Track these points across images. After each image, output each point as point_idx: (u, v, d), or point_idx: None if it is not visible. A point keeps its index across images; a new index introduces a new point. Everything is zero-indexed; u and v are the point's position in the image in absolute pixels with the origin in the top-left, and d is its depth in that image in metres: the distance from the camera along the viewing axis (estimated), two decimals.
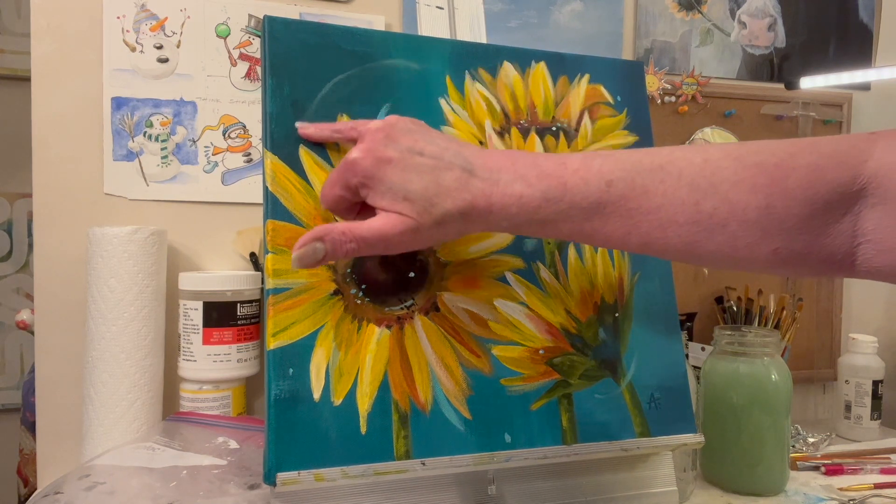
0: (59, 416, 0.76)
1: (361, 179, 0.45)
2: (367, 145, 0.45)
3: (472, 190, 0.43)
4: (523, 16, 0.92)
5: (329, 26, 0.56)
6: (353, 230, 0.44)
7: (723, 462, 0.75)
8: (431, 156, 0.44)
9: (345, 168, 0.45)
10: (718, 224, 0.41)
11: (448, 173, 0.44)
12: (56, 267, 0.76)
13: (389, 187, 0.44)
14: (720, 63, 1.02)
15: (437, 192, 0.43)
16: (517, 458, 0.52)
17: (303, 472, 0.46)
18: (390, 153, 0.44)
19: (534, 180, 0.43)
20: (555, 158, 0.44)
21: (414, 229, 0.44)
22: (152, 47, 0.78)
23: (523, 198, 0.43)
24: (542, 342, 0.56)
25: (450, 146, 0.45)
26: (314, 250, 0.44)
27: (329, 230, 0.44)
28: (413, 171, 0.44)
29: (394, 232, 0.44)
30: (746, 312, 0.98)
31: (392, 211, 0.44)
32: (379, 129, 0.45)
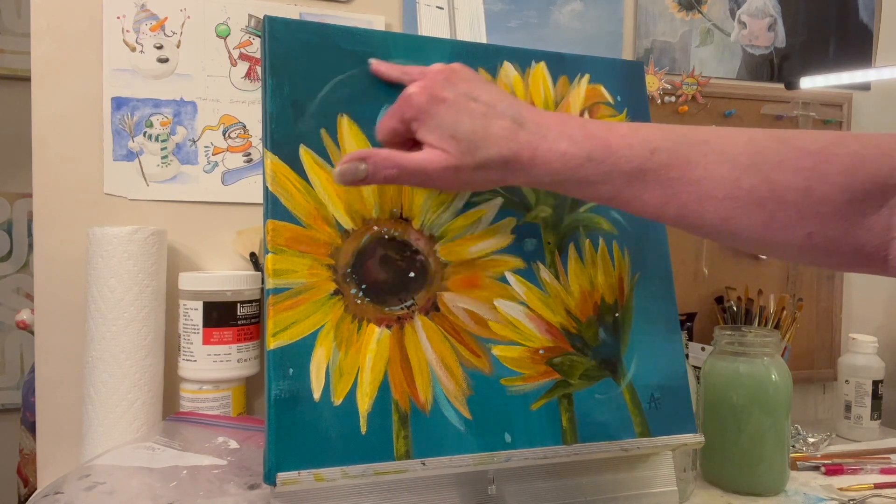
0: (59, 416, 0.76)
1: (415, 113, 0.47)
2: (426, 83, 0.47)
3: (518, 140, 0.45)
4: (523, 16, 0.92)
5: (329, 26, 0.56)
6: (396, 157, 0.46)
7: (723, 462, 0.75)
8: (485, 103, 0.46)
9: (401, 101, 0.48)
10: (756, 202, 0.42)
11: (498, 121, 0.45)
12: (56, 267, 0.76)
13: (439, 124, 0.46)
14: (720, 63, 1.02)
15: (484, 137, 0.45)
16: (517, 458, 0.52)
17: (303, 472, 0.46)
18: (446, 93, 0.46)
19: (580, 139, 0.44)
20: (602, 124, 0.46)
21: (455, 167, 0.46)
22: (152, 47, 0.78)
23: (567, 155, 0.44)
24: (542, 342, 0.56)
25: (504, 98, 0.47)
26: (356, 169, 0.47)
27: (372, 153, 0.47)
28: (465, 114, 0.46)
29: (434, 167, 0.46)
30: (746, 312, 0.98)
31: (437, 147, 0.46)
32: (440, 70, 0.48)
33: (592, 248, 0.60)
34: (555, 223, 0.59)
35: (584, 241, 0.59)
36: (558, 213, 0.59)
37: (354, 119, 0.55)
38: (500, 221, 0.57)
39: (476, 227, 0.56)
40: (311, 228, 0.52)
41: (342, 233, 0.52)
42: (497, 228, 0.57)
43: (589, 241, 0.60)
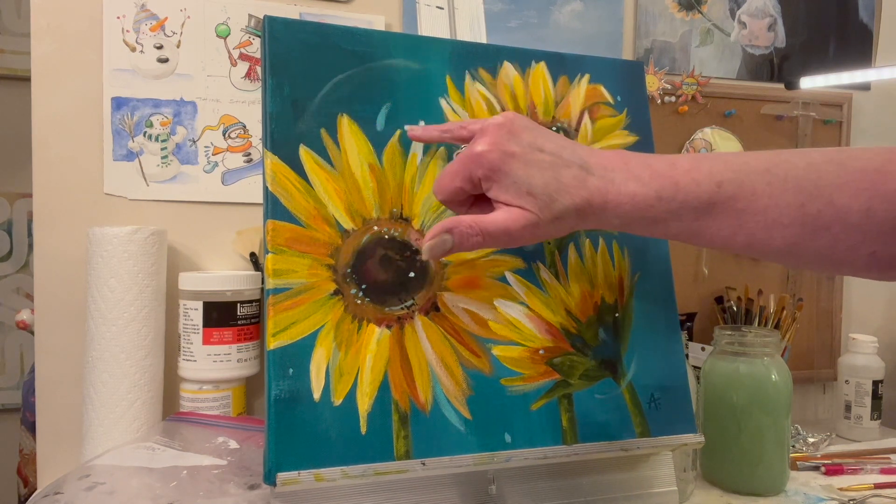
0: (59, 416, 0.76)
1: (487, 172, 0.46)
2: (493, 139, 0.46)
3: (588, 187, 0.45)
4: (523, 16, 0.92)
5: (329, 26, 0.56)
6: (480, 223, 0.46)
7: (723, 462, 0.75)
8: (551, 152, 0.46)
9: (470, 160, 0.46)
10: (822, 226, 0.43)
11: (567, 170, 0.45)
12: (56, 267, 0.76)
13: (514, 181, 0.45)
14: (720, 63, 1.02)
15: (557, 189, 0.45)
16: (517, 458, 0.52)
17: (303, 472, 0.46)
18: (514, 148, 0.46)
19: (647, 179, 0.45)
20: (664, 160, 0.46)
21: (535, 224, 0.45)
22: (152, 47, 0.78)
23: (637, 196, 0.45)
24: (542, 342, 0.56)
25: (566, 144, 0.47)
26: (443, 242, 0.46)
27: (457, 223, 0.46)
28: (535, 167, 0.45)
29: (517, 226, 0.45)
30: (746, 312, 0.98)
31: (514, 205, 0.45)
32: (501, 124, 0.46)
33: (592, 248, 0.60)
34: None
35: (584, 241, 0.59)
36: None
37: (354, 119, 0.55)
38: None
39: None
40: (311, 228, 0.52)
41: (342, 233, 0.52)
42: None
43: (589, 242, 0.60)
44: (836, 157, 0.43)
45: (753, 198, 0.43)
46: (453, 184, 0.48)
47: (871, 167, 0.42)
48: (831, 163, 0.43)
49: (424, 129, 0.53)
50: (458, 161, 0.47)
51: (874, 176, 0.42)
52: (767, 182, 0.43)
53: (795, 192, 0.43)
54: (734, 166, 0.44)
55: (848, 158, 0.43)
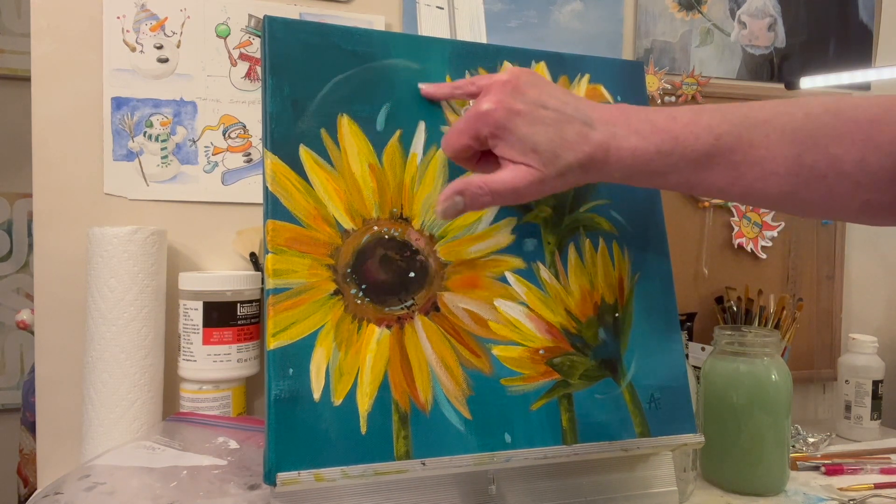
0: (59, 416, 0.76)
1: (493, 129, 0.47)
2: (498, 97, 0.47)
3: (591, 142, 0.46)
4: (523, 16, 0.92)
5: (329, 26, 0.56)
6: (488, 183, 0.47)
7: (723, 462, 0.75)
8: (555, 109, 0.47)
9: (476, 118, 0.48)
10: (817, 176, 0.44)
11: (570, 126, 0.46)
12: (56, 267, 0.76)
13: (519, 138, 0.46)
14: (720, 63, 1.02)
15: (560, 145, 0.46)
16: (517, 458, 0.52)
17: (303, 472, 0.46)
18: (519, 105, 0.46)
19: (648, 134, 0.46)
20: (664, 113, 0.47)
21: (541, 180, 0.47)
22: (152, 47, 0.78)
23: (637, 150, 0.46)
24: (542, 342, 0.56)
25: (569, 100, 0.48)
26: (455, 203, 0.48)
27: (467, 184, 0.47)
28: (539, 124, 0.46)
29: (523, 183, 0.47)
30: (746, 312, 0.98)
31: (520, 162, 0.47)
32: (506, 81, 0.47)
33: (592, 248, 0.60)
34: (555, 223, 0.59)
35: (584, 241, 0.59)
36: (558, 214, 0.59)
37: (354, 119, 0.55)
38: (500, 221, 0.57)
39: (476, 227, 0.56)
40: (311, 228, 0.52)
41: (342, 233, 0.52)
42: (497, 228, 0.57)
43: (589, 242, 0.60)
44: (834, 107, 0.44)
45: (751, 149, 0.45)
46: (461, 141, 0.49)
47: (865, 118, 0.43)
48: (828, 113, 0.44)
49: (436, 86, 0.55)
50: (466, 119, 0.48)
51: (868, 127, 0.43)
52: (765, 134, 0.44)
53: (792, 144, 0.44)
54: (733, 119, 0.45)
55: (845, 108, 0.44)
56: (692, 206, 1.00)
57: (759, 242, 1.02)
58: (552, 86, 0.49)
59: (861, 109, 0.43)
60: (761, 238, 1.02)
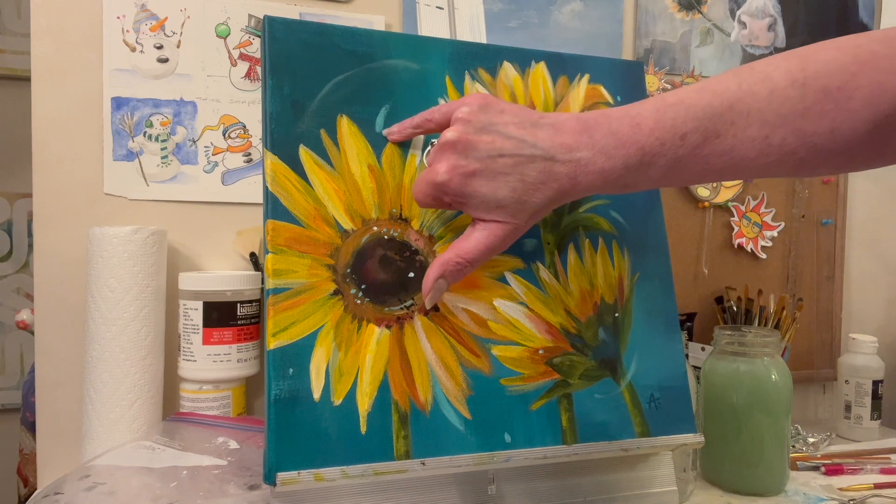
0: (59, 416, 0.76)
1: (453, 198, 0.47)
2: (450, 162, 0.46)
3: (557, 177, 0.45)
4: (523, 16, 0.92)
5: (329, 26, 0.57)
6: (463, 255, 0.48)
7: (723, 462, 0.75)
8: (512, 153, 0.46)
9: (435, 187, 0.47)
10: (788, 153, 0.43)
11: (531, 166, 0.45)
12: (56, 267, 0.76)
13: (482, 200, 0.46)
14: (720, 63, 1.02)
15: (524, 190, 0.45)
16: (517, 458, 0.52)
17: (303, 472, 0.46)
18: (473, 165, 0.46)
19: (612, 151, 0.45)
20: (628, 120, 0.45)
21: (513, 231, 0.47)
22: (152, 47, 0.78)
23: (605, 171, 0.45)
24: (542, 342, 0.56)
25: (526, 133, 0.46)
26: (439, 287, 0.49)
27: (443, 265, 0.48)
28: (499, 178, 0.46)
29: (497, 240, 0.47)
30: (746, 312, 0.98)
31: (489, 220, 0.47)
32: (456, 141, 0.46)
33: (592, 248, 0.60)
34: (554, 223, 0.59)
35: (583, 241, 0.59)
36: (558, 214, 0.59)
37: (354, 119, 0.55)
38: None
39: None
40: (311, 228, 0.52)
41: (342, 233, 0.52)
42: None
43: (589, 241, 0.60)
44: (800, 76, 0.42)
45: (718, 140, 0.44)
46: (426, 201, 0.49)
47: (833, 86, 0.42)
48: (794, 86, 0.42)
49: (399, 128, 0.54)
50: (426, 184, 0.48)
51: (837, 95, 0.42)
52: (731, 122, 0.43)
53: (759, 126, 0.43)
54: (697, 112, 0.44)
55: (812, 77, 0.42)
56: (692, 206, 1.00)
57: (759, 242, 1.02)
58: (507, 117, 0.47)
59: (828, 76, 0.42)
60: (761, 238, 1.02)
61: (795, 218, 1.04)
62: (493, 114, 0.47)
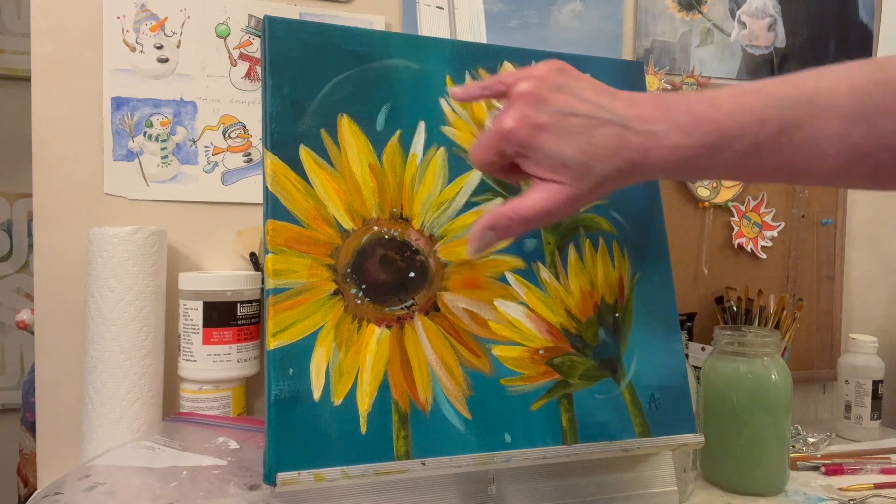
0: (59, 416, 0.76)
1: (517, 149, 0.44)
2: (520, 111, 0.44)
3: (629, 146, 0.43)
4: (523, 16, 0.92)
5: (329, 26, 0.57)
6: (518, 211, 0.44)
7: (723, 462, 0.75)
8: (585, 114, 0.43)
9: (499, 137, 0.45)
10: (865, 153, 0.42)
11: (602, 130, 0.43)
12: (56, 267, 0.76)
13: (547, 155, 0.43)
14: (720, 63, 1.02)
15: (593, 154, 0.43)
16: (517, 458, 0.52)
17: (303, 472, 0.46)
18: (544, 118, 0.43)
19: (689, 127, 0.43)
20: (706, 101, 0.44)
21: (575, 197, 0.44)
22: (152, 47, 0.78)
23: (680, 148, 0.43)
24: (542, 342, 0.56)
25: (602, 99, 0.44)
26: (486, 238, 0.46)
27: (496, 218, 0.45)
28: (568, 135, 0.43)
29: (556, 203, 0.44)
30: (746, 312, 0.98)
31: (550, 180, 0.44)
32: (529, 92, 0.44)
33: (592, 248, 0.60)
34: (555, 223, 0.59)
35: (584, 241, 0.59)
36: None
37: (355, 118, 0.55)
38: None
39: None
40: (311, 228, 0.52)
41: (342, 233, 0.52)
42: None
43: (589, 242, 0.60)
44: (881, 78, 0.42)
45: (797, 131, 0.42)
46: (486, 157, 0.46)
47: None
48: (876, 85, 0.42)
49: (464, 89, 0.51)
50: (490, 136, 0.45)
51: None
52: (810, 113, 0.42)
53: (839, 121, 0.42)
54: (776, 100, 0.43)
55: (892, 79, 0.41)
56: (692, 206, 1.00)
57: (759, 242, 1.02)
58: (584, 83, 0.45)
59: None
60: (761, 238, 1.02)
61: (795, 218, 1.04)
62: (570, 78, 0.46)
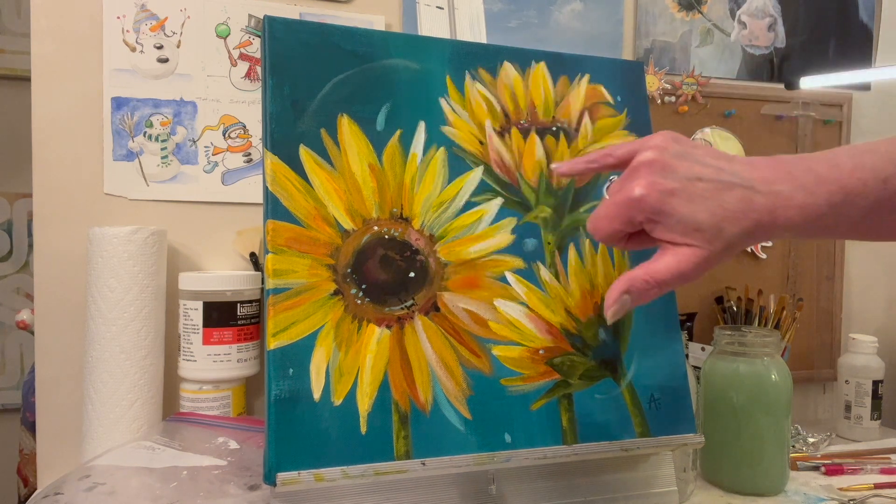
0: (59, 416, 0.76)
1: (648, 215, 0.44)
2: (648, 179, 0.44)
3: (757, 208, 0.43)
4: (523, 16, 0.92)
5: (329, 26, 0.57)
6: (654, 276, 0.44)
7: (723, 462, 0.75)
8: (710, 179, 0.44)
9: (628, 205, 0.44)
10: None
11: (730, 193, 0.43)
12: (56, 267, 0.76)
13: (679, 220, 0.43)
14: (720, 63, 1.02)
15: (723, 217, 0.43)
16: (517, 458, 0.52)
17: (303, 472, 0.46)
18: (672, 184, 0.44)
19: (813, 187, 0.43)
20: (825, 161, 0.44)
21: (707, 259, 0.44)
22: (152, 47, 0.78)
23: (806, 208, 0.43)
24: (542, 342, 0.56)
25: (723, 164, 0.45)
26: (623, 302, 0.45)
27: (632, 281, 0.45)
28: (698, 201, 0.43)
29: (690, 266, 0.44)
30: (746, 312, 0.98)
31: (682, 244, 0.44)
32: (653, 161, 0.44)
33: (592, 248, 0.60)
34: (555, 223, 0.59)
35: (584, 241, 0.59)
36: (558, 214, 0.59)
37: (355, 118, 0.55)
38: (500, 221, 0.57)
39: (476, 227, 0.56)
40: (311, 228, 0.52)
41: (342, 233, 0.52)
42: (497, 228, 0.57)
43: (589, 242, 0.60)
44: None
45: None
46: (612, 226, 0.46)
47: None
48: None
49: (569, 164, 0.51)
50: (615, 205, 0.45)
51: None
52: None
53: None
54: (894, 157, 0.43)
55: None
56: None
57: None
58: (701, 150, 0.46)
59: None
60: None
61: None
62: (687, 146, 0.46)
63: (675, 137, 0.46)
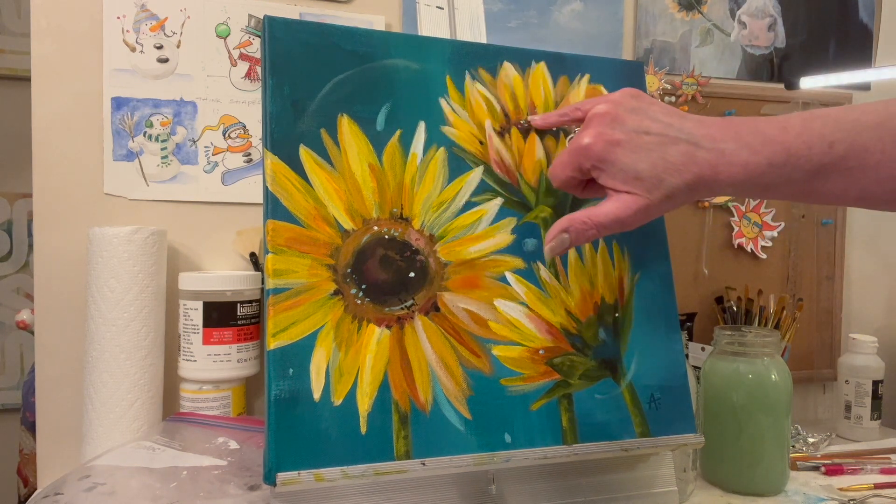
0: (59, 416, 0.76)
1: (594, 163, 0.48)
2: (597, 129, 0.48)
3: (698, 162, 0.46)
4: (523, 16, 0.92)
5: (329, 26, 0.57)
6: (592, 217, 0.48)
7: (723, 462, 0.75)
8: (657, 132, 0.47)
9: (577, 152, 0.49)
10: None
11: (674, 147, 0.46)
12: (56, 267, 0.76)
13: (621, 168, 0.47)
14: (720, 63, 1.02)
15: (664, 169, 0.46)
16: (517, 458, 0.52)
17: (303, 472, 0.46)
18: (618, 135, 0.47)
19: (758, 147, 0.45)
20: (774, 123, 0.46)
21: (645, 207, 0.47)
22: (152, 47, 0.78)
23: (749, 165, 0.45)
24: (542, 342, 0.56)
25: (672, 121, 0.47)
26: (562, 241, 0.49)
27: (571, 221, 0.49)
28: (641, 151, 0.46)
29: (628, 213, 0.47)
30: (746, 312, 0.98)
31: (623, 191, 0.47)
32: (605, 113, 0.48)
33: (592, 248, 0.60)
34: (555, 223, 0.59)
35: None
36: (558, 214, 0.59)
37: (355, 118, 0.55)
38: (500, 221, 0.57)
39: (476, 227, 0.56)
40: (311, 228, 0.52)
41: (342, 233, 0.52)
42: (497, 228, 0.57)
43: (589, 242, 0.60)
44: None
45: (865, 154, 0.44)
46: (564, 173, 0.50)
47: None
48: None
49: (542, 117, 0.57)
50: (567, 152, 0.49)
51: None
52: (878, 138, 0.44)
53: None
54: (845, 125, 0.45)
55: None
56: (692, 207, 1.00)
57: (759, 242, 1.02)
58: (657, 107, 0.49)
59: None
60: (761, 238, 1.02)
61: (795, 218, 1.04)
62: (644, 102, 0.49)
63: (634, 94, 0.50)
